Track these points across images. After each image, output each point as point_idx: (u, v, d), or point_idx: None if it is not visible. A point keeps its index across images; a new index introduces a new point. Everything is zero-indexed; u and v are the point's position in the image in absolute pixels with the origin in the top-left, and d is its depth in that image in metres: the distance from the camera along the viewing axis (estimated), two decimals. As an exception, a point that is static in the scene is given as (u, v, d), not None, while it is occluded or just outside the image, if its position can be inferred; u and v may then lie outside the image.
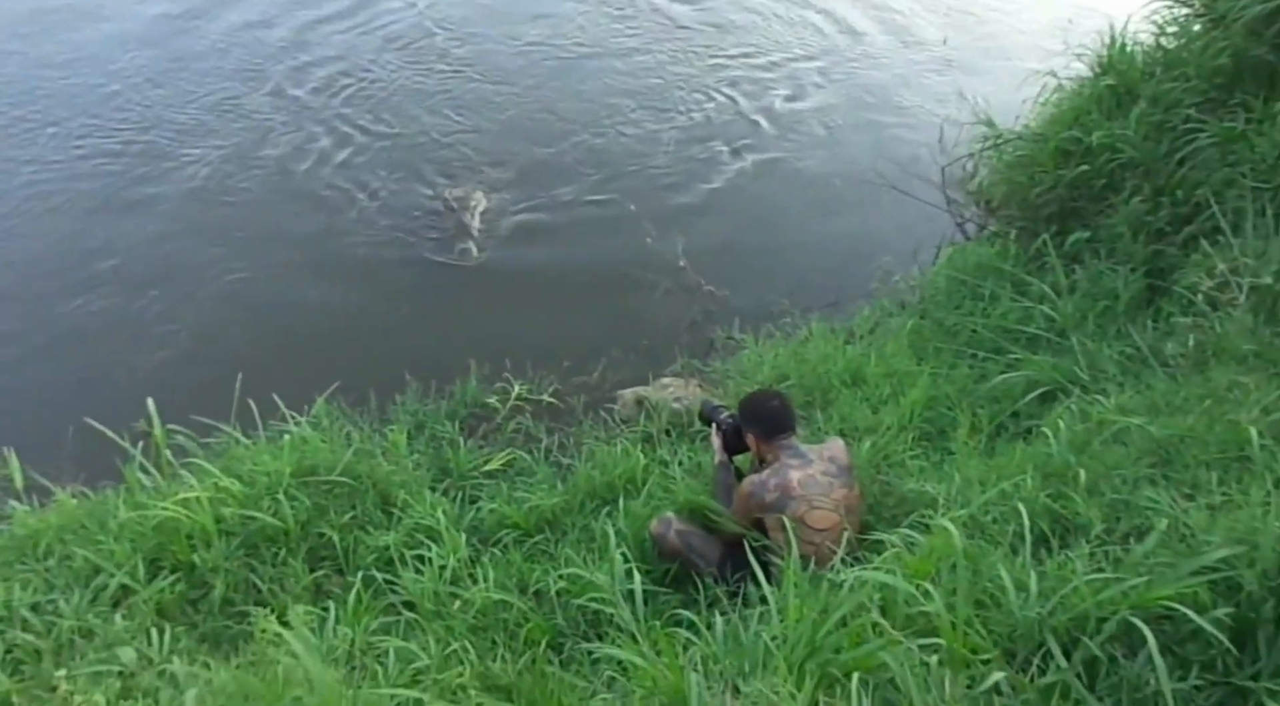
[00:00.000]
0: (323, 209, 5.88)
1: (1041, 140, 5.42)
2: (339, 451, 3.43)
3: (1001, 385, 3.78)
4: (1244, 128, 4.13)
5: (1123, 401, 3.02)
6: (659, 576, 3.07)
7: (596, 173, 6.31)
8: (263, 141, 6.47)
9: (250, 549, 3.00)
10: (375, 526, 3.25)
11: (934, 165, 6.47)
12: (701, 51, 7.81)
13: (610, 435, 4.03)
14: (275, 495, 3.10)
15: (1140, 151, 4.60)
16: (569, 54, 7.66)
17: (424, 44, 7.72)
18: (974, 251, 5.15)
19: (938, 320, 4.57)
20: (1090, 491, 2.46)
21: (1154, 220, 4.39)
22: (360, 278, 5.33)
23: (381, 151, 6.45)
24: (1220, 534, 1.90)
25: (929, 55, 8.02)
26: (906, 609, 2.01)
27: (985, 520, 2.56)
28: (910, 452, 3.42)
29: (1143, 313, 3.96)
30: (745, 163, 6.52)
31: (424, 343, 4.82)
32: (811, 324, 4.74)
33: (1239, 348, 2.99)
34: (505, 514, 3.41)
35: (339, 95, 7.04)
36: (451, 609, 2.83)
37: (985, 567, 2.15)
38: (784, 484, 2.80)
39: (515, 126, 6.77)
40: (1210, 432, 2.45)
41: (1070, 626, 1.88)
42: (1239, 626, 1.75)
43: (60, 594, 2.72)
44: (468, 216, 5.59)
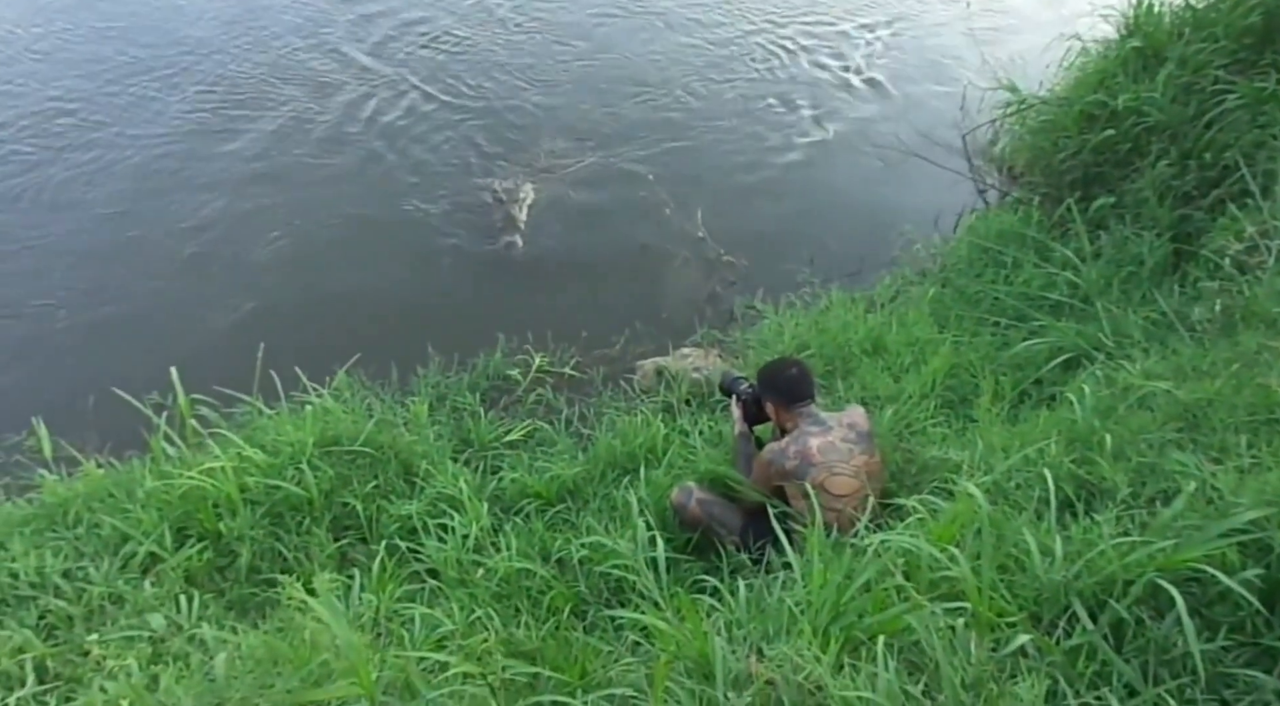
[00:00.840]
0: (365, 185, 5.84)
1: (1066, 105, 5.33)
2: (361, 422, 3.46)
3: (1025, 352, 3.75)
4: (1275, 88, 4.04)
5: (1148, 366, 2.98)
6: (681, 545, 3.08)
7: (619, 146, 6.25)
8: (319, 106, 6.47)
9: (275, 518, 3.04)
10: (398, 496, 3.28)
11: (956, 132, 6.38)
12: (721, 20, 7.70)
13: (630, 405, 4.04)
14: (299, 465, 3.13)
15: (1167, 114, 4.52)
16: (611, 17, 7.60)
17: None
18: (996, 218, 5.09)
19: (959, 288, 4.53)
20: (1116, 456, 2.44)
21: (1181, 184, 4.33)
22: (386, 254, 5.30)
23: (438, 120, 6.45)
24: (1249, 496, 1.88)
25: (951, 19, 7.86)
26: (931, 573, 2.00)
27: (1009, 486, 2.54)
28: (932, 420, 3.40)
29: (1169, 278, 3.91)
30: (763, 132, 6.44)
31: (445, 316, 4.81)
32: (832, 293, 4.71)
33: (1268, 311, 2.95)
34: (527, 483, 3.42)
35: (399, 57, 7.05)
36: (475, 577, 2.86)
37: (1010, 532, 2.14)
38: (804, 451, 2.80)
39: (548, 94, 6.73)
40: (1238, 396, 2.42)
41: (1097, 589, 1.87)
42: (1269, 587, 1.73)
43: (90, 561, 2.77)
44: (516, 209, 5.49)
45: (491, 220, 5.52)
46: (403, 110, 6.52)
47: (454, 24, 7.55)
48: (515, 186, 5.71)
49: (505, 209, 5.51)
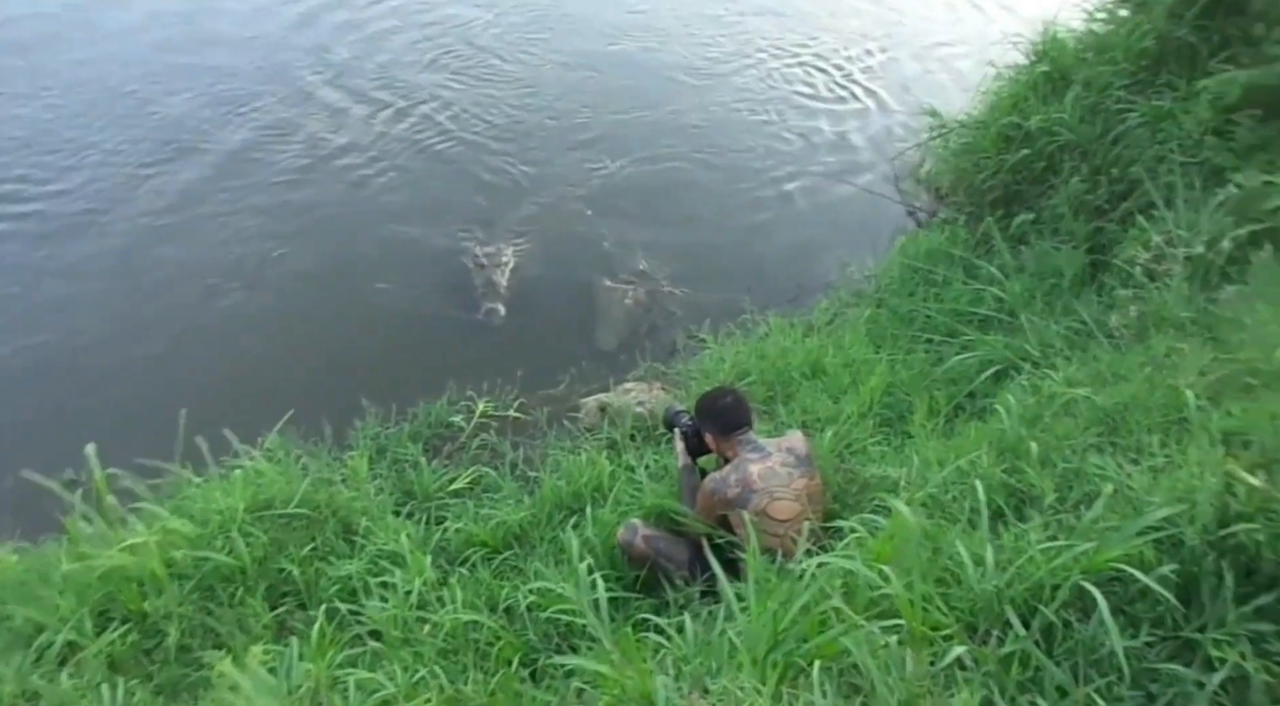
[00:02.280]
0: (296, 240, 5.77)
1: (983, 127, 5.56)
2: (296, 482, 3.37)
3: (957, 366, 3.84)
4: (1170, 106, 4.25)
5: (1070, 374, 3.08)
6: (630, 582, 3.05)
7: (553, 184, 6.30)
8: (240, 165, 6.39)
9: (205, 591, 2.92)
10: (337, 556, 3.19)
11: (883, 157, 6.58)
12: (642, 53, 7.86)
13: (575, 445, 4.01)
14: (229, 533, 3.02)
15: (1076, 133, 4.72)
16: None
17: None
18: (925, 239, 5.24)
19: (893, 308, 4.64)
20: (1042, 463, 2.49)
21: (1093, 198, 4.51)
22: (317, 307, 5.25)
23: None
24: (1162, 494, 1.93)
25: (872, 50, 8.15)
26: (869, 593, 2.01)
27: (945, 499, 2.58)
28: (872, 439, 3.45)
29: (1087, 288, 4.05)
30: (698, 164, 6.56)
31: (381, 367, 4.77)
32: (771, 319, 4.78)
33: (1176, 316, 3.07)
34: (472, 532, 3.36)
35: (372, 110, 7.02)
36: (420, 634, 2.78)
37: (945, 545, 2.16)
38: (744, 478, 2.81)
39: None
40: (1152, 398, 2.50)
41: (1027, 596, 1.90)
42: (1183, 581, 1.78)
43: (0, 657, 2.61)
44: (499, 275, 5.37)
45: (424, 265, 5.53)
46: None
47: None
48: (497, 252, 5.56)
49: (485, 274, 5.38)
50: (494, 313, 5.09)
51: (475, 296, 5.22)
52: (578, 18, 8.40)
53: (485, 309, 5.11)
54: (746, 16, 8.61)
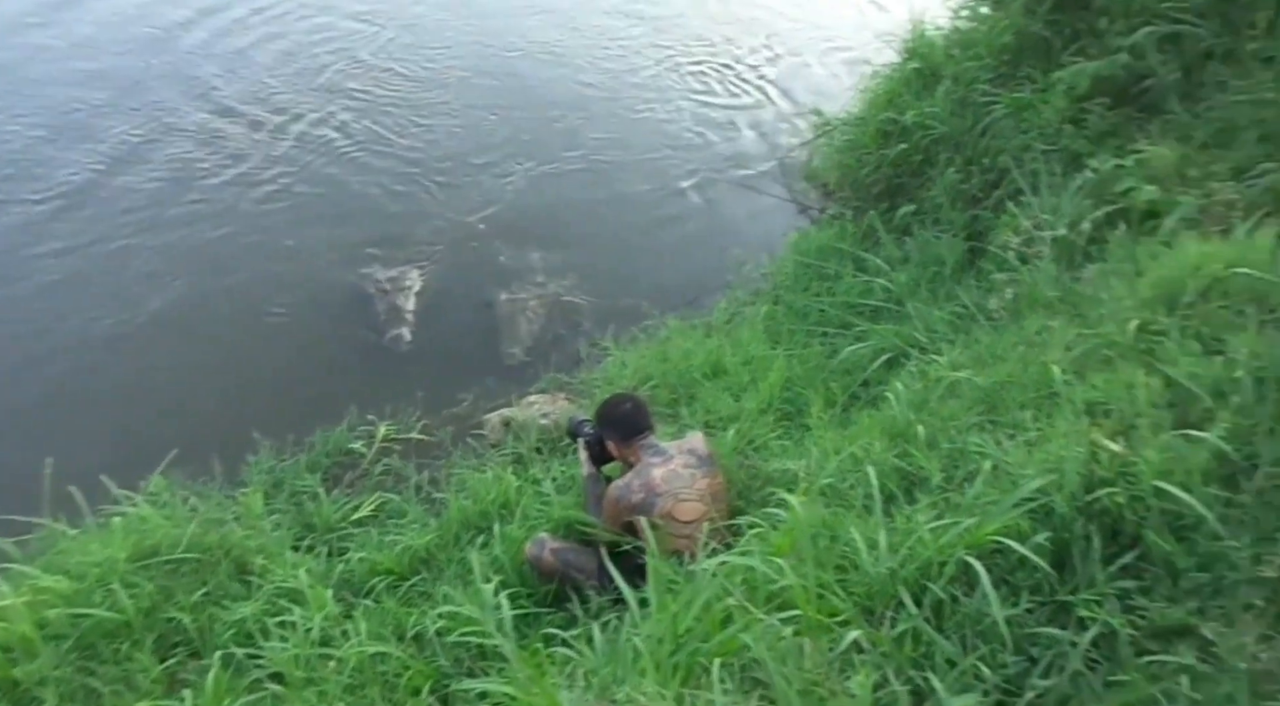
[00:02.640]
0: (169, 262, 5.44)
1: (863, 123, 5.75)
2: (183, 525, 3.18)
3: (851, 357, 3.95)
4: (1031, 97, 4.49)
5: (954, 357, 3.21)
6: (542, 598, 3.01)
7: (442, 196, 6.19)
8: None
9: (86, 650, 2.72)
10: (232, 599, 3.02)
11: (775, 156, 6.73)
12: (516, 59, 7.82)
13: (481, 462, 3.94)
14: (109, 586, 2.83)
15: (949, 126, 4.94)
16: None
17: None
18: (816, 235, 5.38)
19: (789, 304, 4.74)
20: (930, 445, 2.59)
21: (968, 188, 4.73)
22: (196, 338, 4.99)
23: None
24: (1034, 467, 2.03)
25: (766, 51, 8.31)
26: (769, 587, 2.04)
27: (842, 487, 2.65)
28: (773, 434, 3.51)
29: (967, 274, 4.23)
30: (599, 172, 6.55)
31: (272, 398, 4.56)
32: (671, 322, 4.81)
33: (1046, 295, 3.24)
34: (376, 561, 3.26)
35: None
36: (324, 672, 2.67)
37: (841, 532, 2.21)
38: (648, 483, 2.81)
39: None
40: (1025, 376, 2.63)
41: (918, 575, 1.96)
42: (1056, 548, 1.87)
43: None
44: (402, 299, 5.16)
45: (321, 290, 5.30)
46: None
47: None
48: (400, 275, 5.35)
49: (389, 299, 5.16)
50: (399, 339, 4.92)
51: (379, 323, 5.03)
52: (476, 27, 8.29)
53: (390, 335, 4.94)
54: (644, 21, 8.68)
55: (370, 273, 5.37)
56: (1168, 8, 3.98)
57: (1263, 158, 3.37)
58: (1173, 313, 2.44)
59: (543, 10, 8.62)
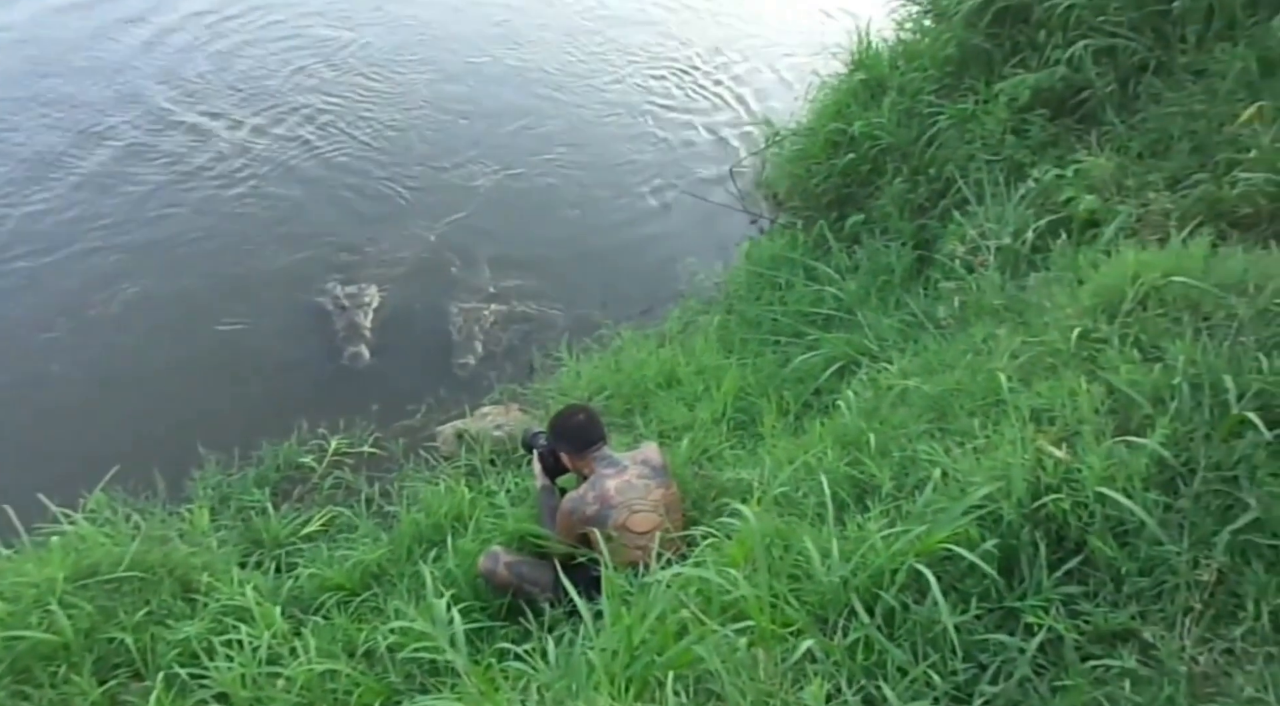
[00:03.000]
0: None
1: (812, 134, 5.83)
2: (125, 544, 3.08)
3: (803, 366, 3.99)
4: (974, 108, 4.60)
5: (904, 365, 3.26)
6: (496, 611, 2.98)
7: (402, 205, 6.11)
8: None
9: (21, 673, 2.61)
10: (176, 618, 2.93)
11: (723, 168, 6.78)
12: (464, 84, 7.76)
13: (433, 475, 3.89)
14: (47, 606, 2.72)
15: (895, 137, 5.03)
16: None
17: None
18: (768, 244, 5.43)
19: (741, 313, 4.78)
20: (881, 453, 2.63)
21: (915, 197, 4.82)
22: (146, 346, 4.83)
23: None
24: (982, 474, 2.07)
25: (701, 63, 8.37)
26: (722, 598, 2.04)
27: (796, 495, 2.67)
28: (727, 443, 3.53)
29: (915, 282, 4.32)
30: (556, 180, 6.52)
31: (223, 412, 4.44)
32: (624, 332, 4.81)
33: (992, 304, 3.32)
34: (326, 577, 3.19)
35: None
36: (272, 691, 2.60)
37: (794, 542, 2.23)
38: (602, 494, 2.81)
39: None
40: (973, 383, 2.69)
41: (870, 583, 1.99)
42: (1004, 554, 1.91)
43: None
44: (360, 315, 5.04)
45: (276, 301, 5.20)
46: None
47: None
48: (359, 292, 5.21)
49: (348, 316, 5.04)
50: (358, 357, 4.80)
51: (338, 340, 4.91)
52: (442, 34, 8.22)
53: (349, 353, 4.81)
54: (610, 27, 8.70)
55: (329, 288, 5.25)
56: (1103, 21, 4.12)
57: (1196, 168, 3.50)
58: (1113, 320, 2.51)
59: (506, 20, 8.60)
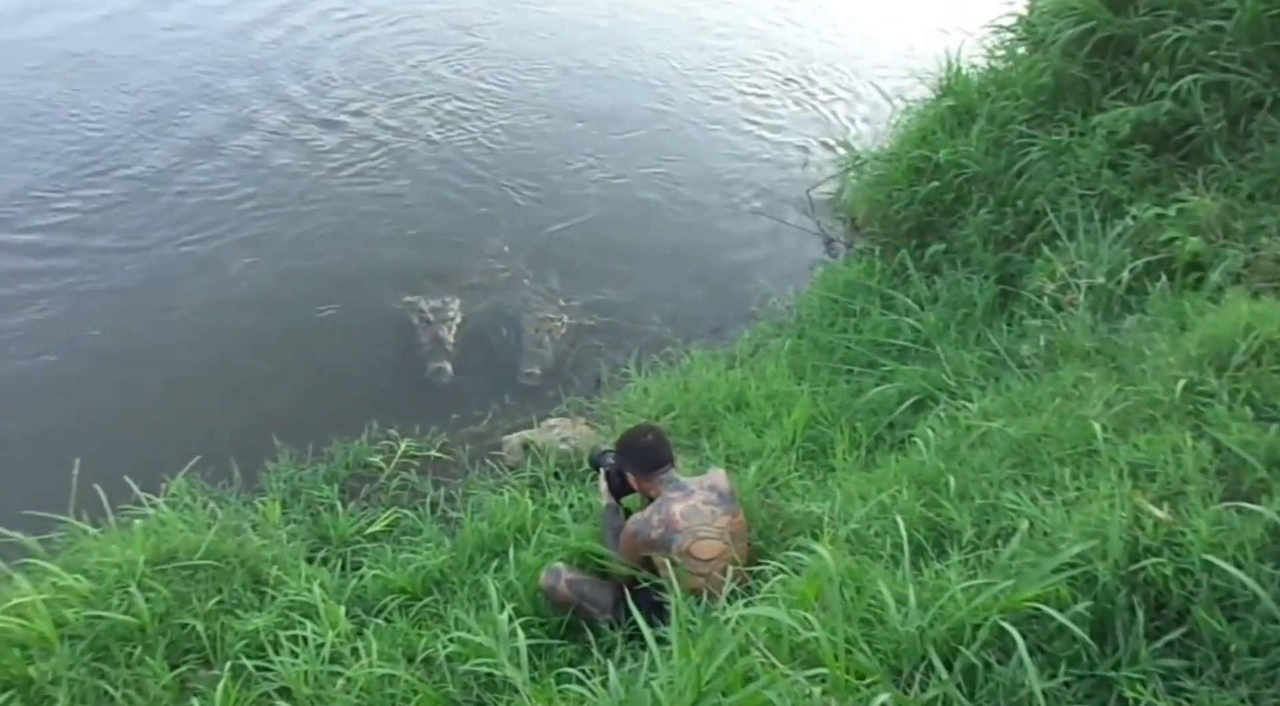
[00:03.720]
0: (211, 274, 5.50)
1: (895, 159, 5.71)
2: (202, 531, 3.17)
3: (876, 397, 3.89)
4: (1069, 140, 4.45)
5: (985, 405, 3.15)
6: (554, 628, 2.97)
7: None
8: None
9: (100, 652, 2.71)
10: (245, 609, 3.00)
11: (801, 190, 6.71)
12: (561, 89, 7.86)
13: (498, 483, 3.91)
14: (127, 588, 2.82)
15: (982, 166, 4.90)
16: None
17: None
18: (843, 270, 5.34)
19: (814, 338, 4.70)
20: (960, 497, 2.53)
21: (1001, 229, 4.67)
22: (222, 342, 5.01)
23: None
24: (1074, 530, 1.97)
25: (782, 87, 8.32)
26: (793, 638, 1.99)
27: (868, 534, 2.60)
28: (795, 473, 3.46)
29: (998, 317, 4.18)
30: (618, 197, 6.55)
31: (292, 406, 4.57)
32: (694, 351, 4.77)
33: (1082, 345, 3.18)
34: (389, 579, 3.23)
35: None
36: (332, 690, 2.64)
37: (868, 585, 2.16)
38: (667, 518, 2.77)
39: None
40: (1062, 430, 2.57)
41: (949, 636, 1.91)
42: (1097, 618, 1.81)
43: None
44: (445, 330, 5.07)
45: (364, 304, 5.33)
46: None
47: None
48: (443, 306, 5.24)
49: (432, 330, 5.07)
50: (441, 372, 4.84)
51: (422, 353, 4.96)
52: (561, 40, 8.56)
53: (432, 368, 4.86)
54: (719, 38, 8.89)
55: (417, 297, 5.30)
56: (1214, 56, 3.94)
57: (1315, 212, 3.32)
58: (1222, 374, 2.38)
59: (621, 28, 8.90)
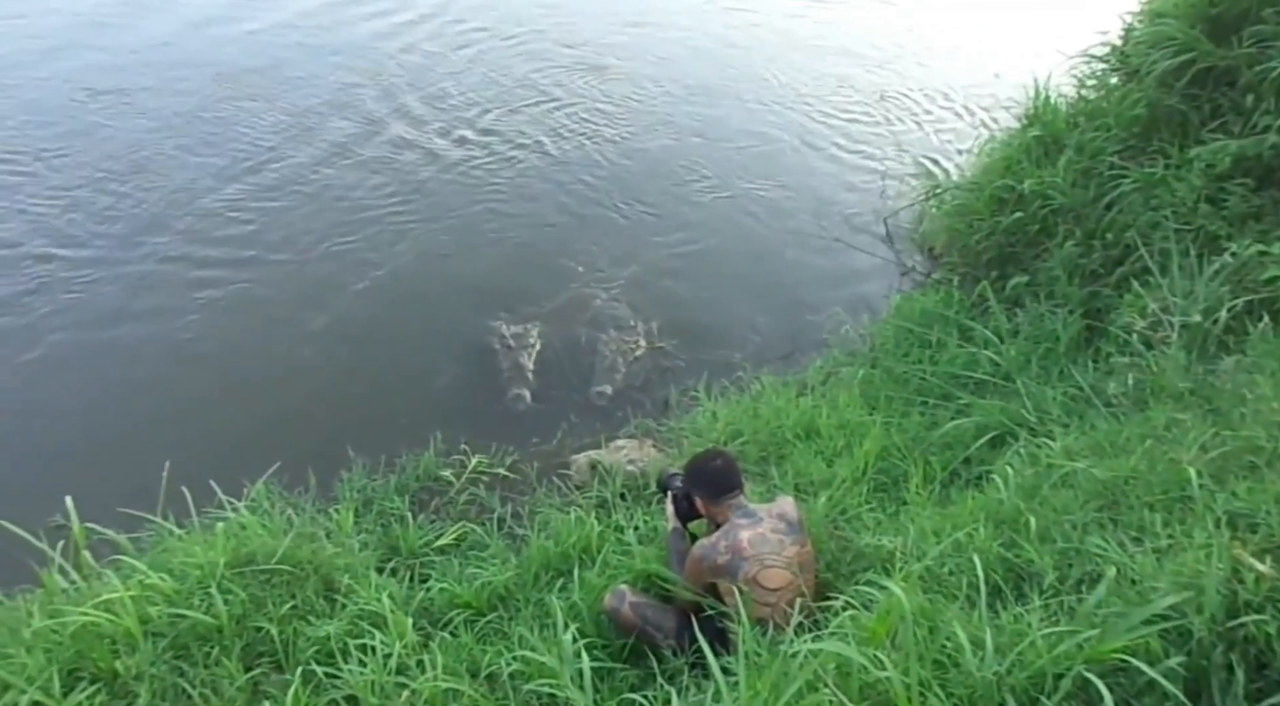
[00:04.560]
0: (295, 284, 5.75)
1: (977, 189, 5.60)
2: (278, 537, 3.28)
3: (952, 431, 3.79)
4: (1163, 173, 4.29)
5: (1068, 444, 3.03)
6: (616, 651, 2.96)
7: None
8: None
9: (180, 650, 2.81)
10: (317, 615, 3.08)
11: (878, 217, 6.62)
12: (641, 113, 7.97)
13: (565, 502, 3.94)
14: (208, 589, 2.93)
15: (1070, 197, 4.76)
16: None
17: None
18: (920, 299, 5.23)
19: (888, 369, 4.61)
20: (1041, 538, 2.44)
21: (1087, 263, 4.52)
22: (305, 354, 5.21)
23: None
24: (1167, 580, 1.87)
25: (866, 110, 8.27)
26: (863, 677, 1.94)
27: (941, 572, 2.52)
28: (866, 505, 3.38)
29: (1083, 353, 4.03)
30: (695, 219, 6.59)
31: (368, 418, 4.70)
32: (764, 377, 4.74)
33: (1175, 385, 3.04)
34: (456, 593, 3.27)
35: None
36: (398, 701, 2.68)
37: (942, 625, 2.09)
38: (734, 545, 2.74)
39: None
40: (1153, 473, 2.46)
41: (1028, 685, 1.83)
42: (1191, 675, 1.71)
43: (-38, 716, 2.50)
44: (524, 357, 5.12)
45: (446, 319, 5.51)
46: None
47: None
48: (524, 333, 5.29)
49: (514, 356, 5.12)
50: (520, 399, 4.88)
51: (501, 378, 5.03)
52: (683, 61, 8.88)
53: (511, 395, 4.90)
54: (815, 58, 9.10)
55: (498, 325, 5.39)
56: (1324, 89, 3.76)
57: None
58: (1329, 422, 2.24)
59: (735, 45, 9.26)
